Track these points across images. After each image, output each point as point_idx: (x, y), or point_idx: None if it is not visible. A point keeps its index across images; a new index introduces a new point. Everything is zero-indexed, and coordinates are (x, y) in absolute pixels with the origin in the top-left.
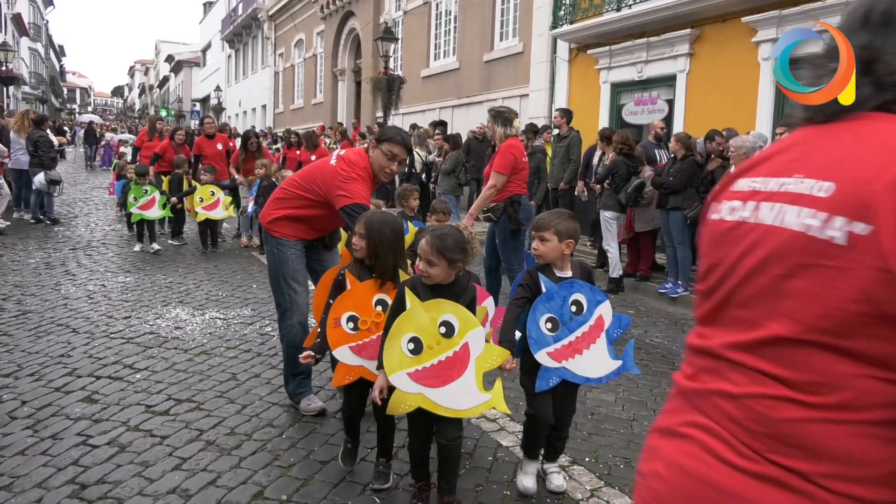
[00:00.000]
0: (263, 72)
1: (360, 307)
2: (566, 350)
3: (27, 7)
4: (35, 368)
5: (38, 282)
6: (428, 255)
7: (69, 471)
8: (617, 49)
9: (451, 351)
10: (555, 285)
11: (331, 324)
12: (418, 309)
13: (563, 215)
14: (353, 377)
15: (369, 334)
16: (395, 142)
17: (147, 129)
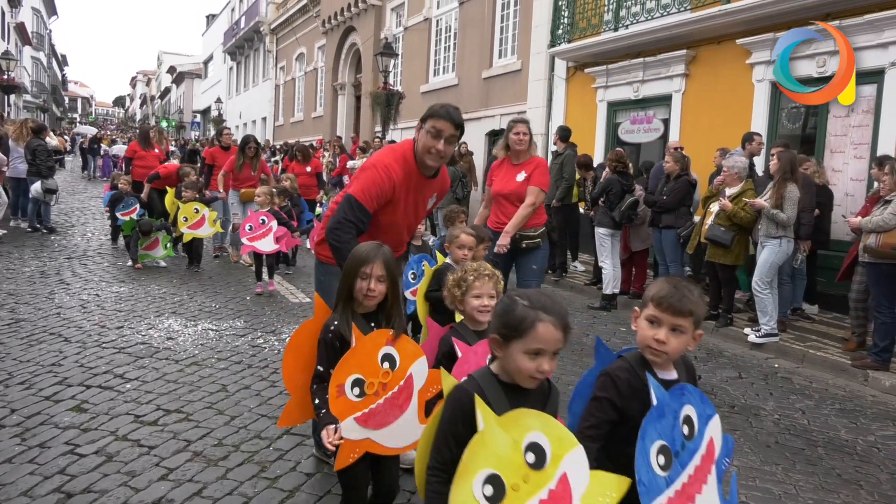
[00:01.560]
0: (264, 84)
1: (366, 366)
2: (680, 499)
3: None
4: (26, 377)
5: (32, 290)
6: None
7: (56, 479)
8: (614, 68)
9: (544, 490)
10: (666, 394)
11: (333, 393)
12: (494, 428)
13: (698, 290)
14: (359, 453)
15: (376, 399)
16: (437, 116)
17: (139, 139)
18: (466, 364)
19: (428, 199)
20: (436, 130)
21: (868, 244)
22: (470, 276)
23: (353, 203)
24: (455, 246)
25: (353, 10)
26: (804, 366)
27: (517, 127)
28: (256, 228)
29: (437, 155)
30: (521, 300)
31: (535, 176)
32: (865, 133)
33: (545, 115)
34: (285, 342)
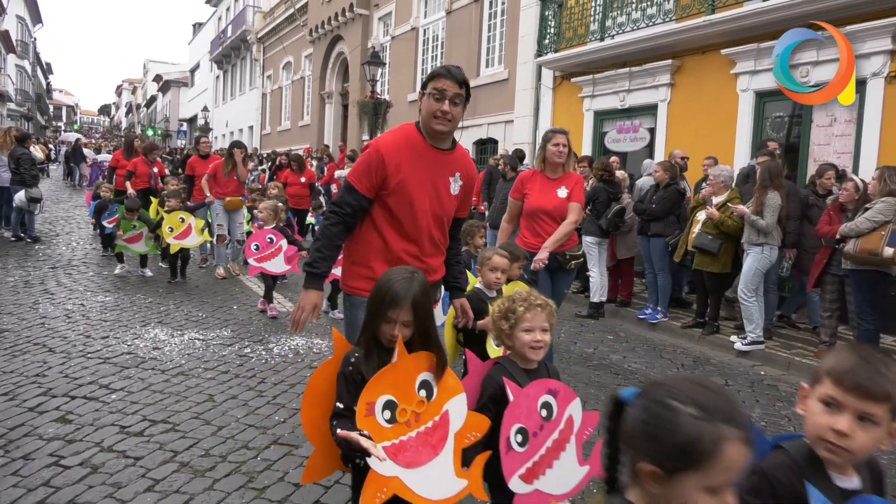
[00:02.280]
0: (251, 93)
1: (402, 389)
2: None
3: (15, 24)
4: (9, 388)
5: (15, 300)
6: None
7: (40, 492)
8: (600, 78)
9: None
10: None
11: (362, 410)
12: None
13: None
14: (387, 495)
15: (407, 430)
16: (437, 76)
17: (123, 148)
18: (519, 409)
19: (449, 180)
20: (438, 91)
21: (847, 250)
22: (519, 307)
23: (345, 185)
24: (487, 269)
25: (340, 19)
26: (790, 373)
27: (556, 138)
28: (264, 248)
29: (444, 118)
30: (684, 406)
31: (576, 192)
32: (848, 142)
33: (532, 124)
34: (272, 351)
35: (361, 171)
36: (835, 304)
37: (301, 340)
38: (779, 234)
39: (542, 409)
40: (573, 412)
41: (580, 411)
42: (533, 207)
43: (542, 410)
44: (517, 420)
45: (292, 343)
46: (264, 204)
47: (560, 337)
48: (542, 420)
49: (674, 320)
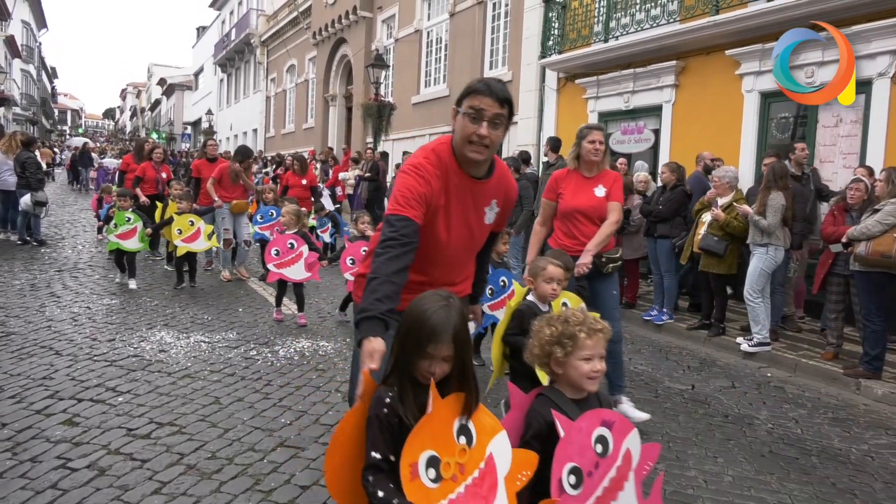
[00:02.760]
0: (255, 96)
1: (441, 440)
2: None
3: (20, 29)
4: (16, 390)
5: (22, 303)
6: None
7: (48, 494)
8: (604, 79)
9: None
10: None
11: (406, 475)
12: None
13: None
14: None
15: (454, 485)
16: (475, 92)
17: (134, 152)
18: (571, 446)
19: (484, 210)
20: (475, 111)
21: (859, 252)
22: (580, 333)
23: (390, 219)
24: (542, 280)
25: (343, 21)
26: (796, 374)
27: (592, 134)
28: (284, 253)
29: (479, 143)
30: None
31: (615, 191)
32: (854, 143)
33: (536, 126)
34: (278, 354)
35: (410, 196)
36: (840, 304)
37: (307, 343)
38: (785, 235)
39: (597, 443)
40: (631, 445)
41: (639, 443)
42: (568, 208)
43: (596, 446)
44: (569, 459)
45: (298, 346)
46: (286, 208)
47: None
48: (598, 457)
49: (680, 322)
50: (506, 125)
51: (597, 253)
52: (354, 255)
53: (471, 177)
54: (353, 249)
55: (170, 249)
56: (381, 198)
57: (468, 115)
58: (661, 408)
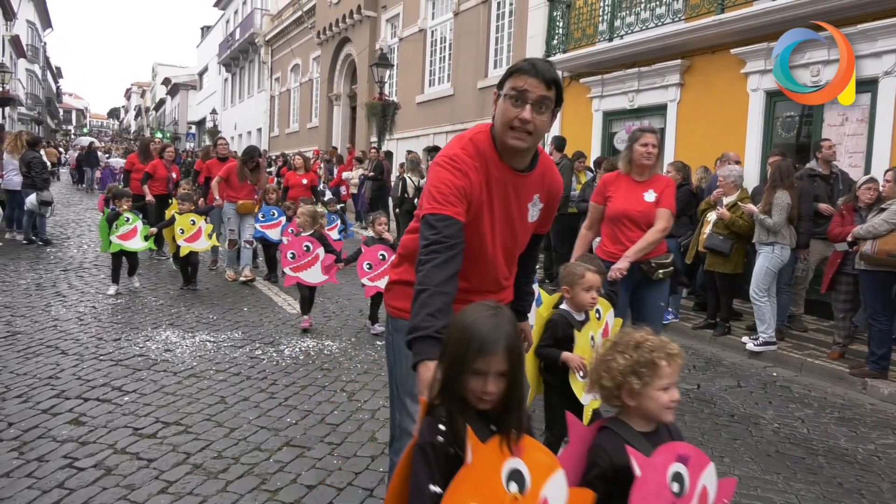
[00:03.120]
0: (259, 95)
1: (488, 491)
2: None
3: (25, 29)
4: (23, 390)
5: (28, 303)
6: None
7: (54, 493)
8: (609, 78)
9: None
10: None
11: None
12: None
13: None
14: None
15: None
16: (519, 71)
17: (139, 151)
18: (647, 486)
19: (527, 206)
20: (517, 92)
21: (865, 251)
22: (660, 360)
23: (428, 220)
24: (580, 288)
25: (348, 21)
26: (802, 374)
27: (645, 137)
28: (300, 256)
29: (522, 129)
30: None
31: (666, 197)
32: (860, 142)
33: None
34: (283, 353)
35: (447, 192)
36: (848, 304)
37: (312, 342)
38: (791, 234)
39: (673, 482)
40: (707, 482)
41: (715, 479)
42: (616, 212)
43: (672, 484)
44: (645, 501)
45: (303, 345)
46: (302, 209)
47: None
48: (674, 497)
49: (685, 321)
50: (552, 111)
51: (646, 258)
52: (371, 260)
53: (512, 169)
54: (370, 254)
55: (170, 251)
56: (385, 197)
57: (510, 98)
58: None
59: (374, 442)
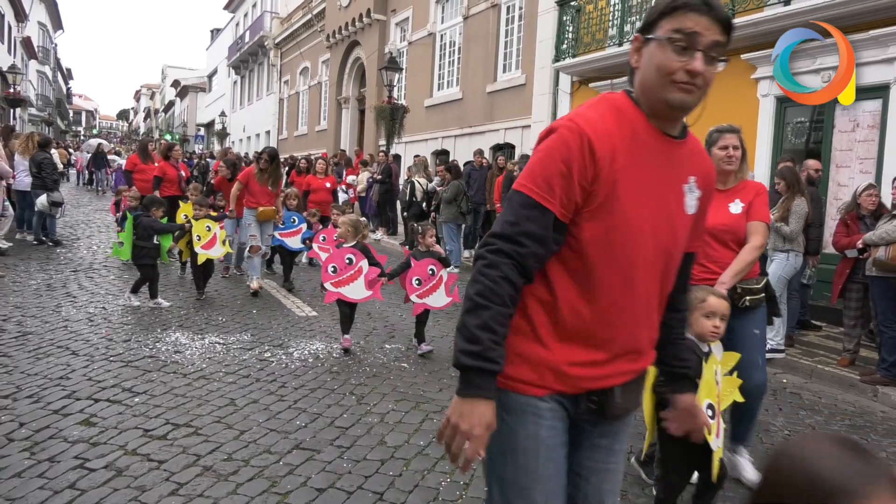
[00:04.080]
0: (268, 98)
1: None
2: None
3: (37, 31)
4: (34, 390)
5: (38, 303)
6: None
7: (66, 494)
8: (619, 83)
9: None
10: None
11: None
12: None
13: None
14: None
15: None
16: (686, 8)
17: (138, 152)
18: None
19: (683, 190)
20: (684, 36)
21: (879, 257)
22: None
23: (513, 201)
24: (700, 314)
25: (357, 24)
26: (812, 381)
27: (724, 139)
28: (342, 270)
29: (691, 83)
30: None
31: (757, 207)
32: (871, 148)
33: None
34: (292, 356)
35: (550, 170)
36: (858, 311)
37: (321, 345)
38: (802, 240)
39: None
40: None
41: None
42: None
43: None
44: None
45: (312, 348)
46: (343, 219)
47: None
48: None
49: None
50: (721, 58)
51: None
52: (421, 275)
53: (664, 134)
54: (419, 268)
55: (182, 259)
56: (393, 200)
57: (672, 43)
58: None
59: (384, 445)
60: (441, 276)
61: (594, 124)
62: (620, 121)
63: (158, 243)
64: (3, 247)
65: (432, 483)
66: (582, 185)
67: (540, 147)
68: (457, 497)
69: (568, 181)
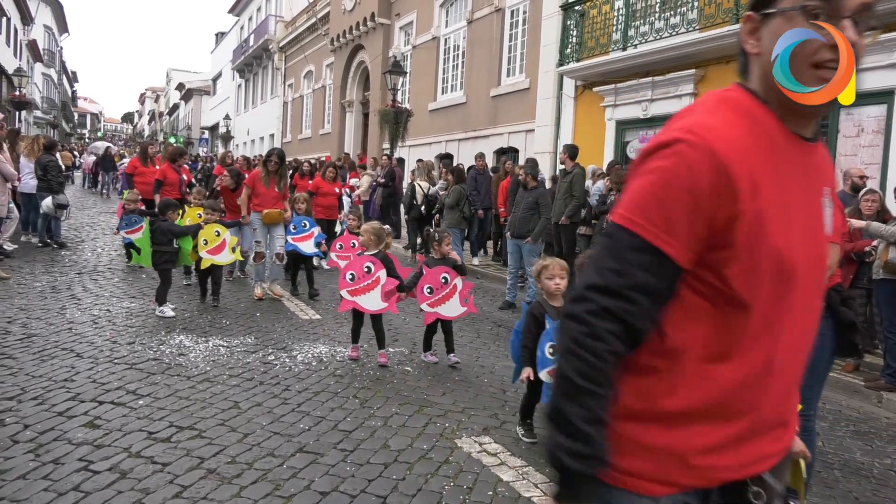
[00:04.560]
0: (272, 101)
1: None
2: None
3: (42, 34)
4: (38, 392)
5: (43, 305)
6: None
7: (70, 496)
8: (622, 87)
9: None
10: None
11: None
12: None
13: None
14: None
15: None
16: None
17: (139, 154)
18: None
19: (822, 205)
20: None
21: (892, 259)
22: None
23: (617, 239)
24: None
25: (361, 28)
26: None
27: None
28: (360, 278)
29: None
30: None
31: None
32: (876, 153)
33: (553, 134)
34: (296, 359)
35: (669, 202)
36: (861, 318)
37: (324, 348)
38: None
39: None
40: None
41: None
42: None
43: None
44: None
45: (315, 351)
46: (366, 226)
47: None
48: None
49: None
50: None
51: None
52: (433, 283)
53: (801, 138)
54: (431, 276)
55: (192, 260)
56: (397, 204)
57: (807, 13)
58: None
59: (387, 449)
60: (455, 285)
61: (725, 137)
62: (753, 128)
63: (178, 247)
64: (8, 249)
65: (435, 487)
66: (714, 221)
67: (650, 166)
68: (460, 502)
69: (694, 216)
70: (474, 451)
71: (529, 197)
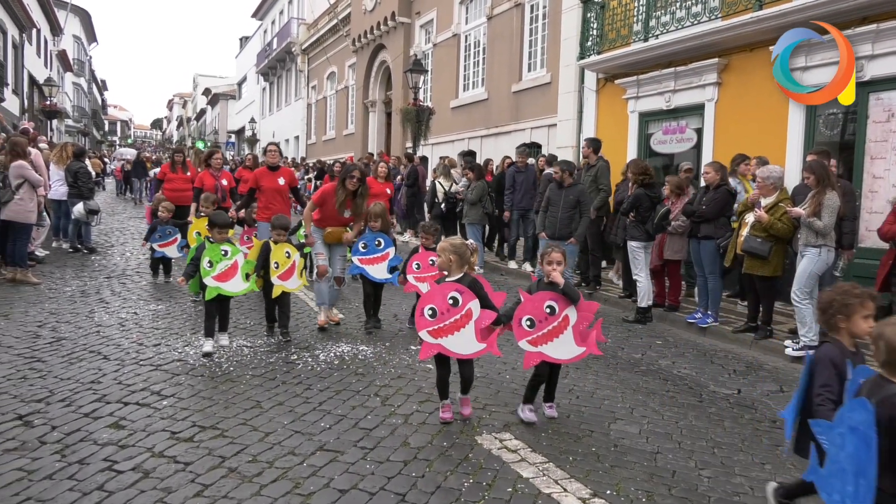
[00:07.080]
0: (296, 104)
1: None
2: None
3: (72, 44)
4: (66, 394)
5: (73, 309)
6: None
7: (94, 496)
8: (644, 79)
9: None
10: None
11: None
12: None
13: None
14: None
15: None
16: None
17: (170, 161)
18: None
19: None
20: None
21: None
22: None
23: None
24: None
25: (382, 28)
26: None
27: None
28: (444, 314)
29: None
30: None
31: None
32: None
33: (576, 128)
34: (318, 358)
35: None
36: None
37: (346, 347)
38: (834, 235)
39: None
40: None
41: None
42: None
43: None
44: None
45: (338, 350)
46: (444, 244)
47: (607, 342)
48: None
49: (725, 324)
50: None
51: None
52: (534, 315)
53: None
54: (531, 305)
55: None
56: (421, 203)
57: None
58: (705, 413)
59: (407, 447)
60: (567, 317)
61: None
62: None
63: None
64: (39, 255)
65: (455, 484)
66: None
67: None
68: (479, 498)
69: None
70: (494, 448)
71: (570, 195)
